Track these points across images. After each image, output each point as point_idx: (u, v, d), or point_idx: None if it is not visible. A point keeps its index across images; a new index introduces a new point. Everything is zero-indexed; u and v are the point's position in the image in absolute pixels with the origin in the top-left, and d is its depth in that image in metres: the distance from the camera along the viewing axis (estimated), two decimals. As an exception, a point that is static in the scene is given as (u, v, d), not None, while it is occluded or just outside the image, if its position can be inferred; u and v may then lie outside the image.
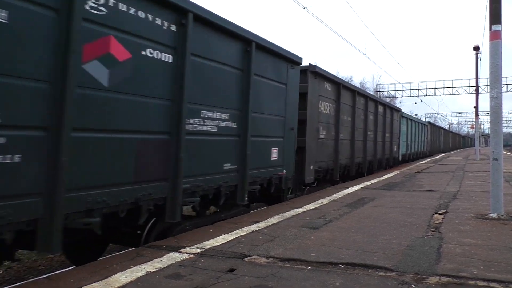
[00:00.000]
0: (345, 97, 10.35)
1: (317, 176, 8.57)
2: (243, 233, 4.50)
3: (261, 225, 4.96)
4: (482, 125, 69.75)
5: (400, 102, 50.85)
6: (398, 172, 14.01)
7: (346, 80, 14.34)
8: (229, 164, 5.29)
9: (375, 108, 13.73)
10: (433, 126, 33.75)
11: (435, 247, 3.89)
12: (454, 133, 68.47)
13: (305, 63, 7.80)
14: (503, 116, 5.75)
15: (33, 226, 3.05)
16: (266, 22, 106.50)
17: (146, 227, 4.53)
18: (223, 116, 5.17)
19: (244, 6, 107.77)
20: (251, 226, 4.89)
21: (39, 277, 3.26)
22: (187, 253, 3.72)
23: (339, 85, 9.85)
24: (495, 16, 5.63)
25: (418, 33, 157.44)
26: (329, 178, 9.66)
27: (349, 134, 10.82)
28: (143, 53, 3.93)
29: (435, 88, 43.22)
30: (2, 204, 2.83)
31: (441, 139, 39.20)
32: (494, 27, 5.59)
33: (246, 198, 5.62)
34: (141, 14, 3.89)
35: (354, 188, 8.98)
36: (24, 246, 3.49)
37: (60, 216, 3.14)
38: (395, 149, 17.08)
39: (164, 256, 3.60)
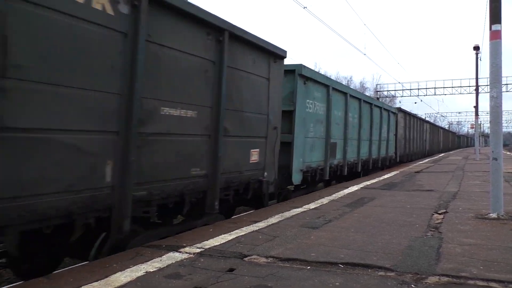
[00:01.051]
0: None
1: None
2: (243, 233, 4.50)
3: (260, 224, 4.96)
4: (482, 125, 69.71)
5: (400, 102, 50.87)
6: (398, 172, 14.00)
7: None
8: None
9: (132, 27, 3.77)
10: (409, 117, 21.68)
11: (435, 247, 3.89)
12: (447, 131, 54.18)
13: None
14: (503, 116, 5.75)
15: None
16: (265, 22, 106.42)
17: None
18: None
19: (243, 6, 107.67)
20: (251, 225, 4.89)
21: (39, 277, 3.25)
22: (186, 252, 3.72)
23: None
24: (495, 15, 5.63)
25: (418, 32, 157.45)
26: None
27: None
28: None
29: (435, 88, 43.24)
30: None
31: (425, 138, 28.39)
32: (494, 27, 5.59)
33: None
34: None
35: (354, 188, 8.98)
36: None
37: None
38: (265, 156, 6.47)
39: (164, 256, 3.60)
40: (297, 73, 7.90)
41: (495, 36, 5.56)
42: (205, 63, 4.91)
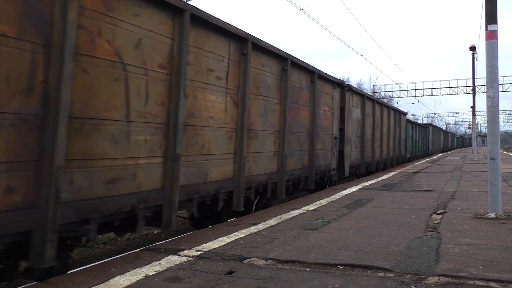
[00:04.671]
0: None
1: None
2: (242, 235, 4.50)
3: (259, 227, 4.96)
4: (479, 124, 69.90)
5: (397, 103, 51.01)
6: (396, 172, 14.02)
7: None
8: None
9: None
10: (371, 104, 13.59)
11: (434, 247, 3.89)
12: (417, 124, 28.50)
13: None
14: (500, 115, 5.77)
15: None
16: (263, 23, 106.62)
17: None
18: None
19: (241, 7, 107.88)
20: (250, 228, 4.89)
21: (37, 282, 3.24)
22: (185, 255, 3.71)
23: None
24: (491, 16, 5.65)
25: (415, 33, 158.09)
26: None
27: None
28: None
29: (432, 88, 43.44)
30: None
31: (405, 137, 19.56)
32: (490, 27, 5.61)
33: None
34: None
35: (353, 189, 8.98)
36: None
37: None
38: None
39: (163, 259, 3.59)
40: None
41: (491, 36, 5.58)
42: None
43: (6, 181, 2.91)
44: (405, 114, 20.56)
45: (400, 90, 44.59)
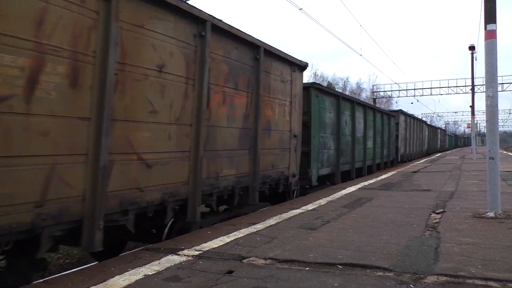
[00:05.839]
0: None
1: None
2: (241, 235, 4.50)
3: (259, 226, 4.96)
4: (478, 124, 70.00)
5: (396, 102, 51.06)
6: (396, 172, 14.04)
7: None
8: None
9: None
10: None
11: (433, 246, 3.90)
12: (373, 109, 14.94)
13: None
14: (499, 115, 5.77)
15: None
16: (262, 23, 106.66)
17: None
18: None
19: (240, 8, 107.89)
20: (249, 227, 4.89)
21: (36, 281, 3.25)
22: (185, 255, 3.71)
23: None
24: (490, 15, 5.65)
25: (414, 33, 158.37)
26: None
27: None
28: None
29: (431, 88, 43.48)
30: None
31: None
32: (489, 27, 5.62)
33: None
34: None
35: (352, 188, 8.99)
36: None
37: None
38: None
39: (162, 259, 3.59)
40: None
41: (490, 35, 5.59)
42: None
43: None
44: (303, 67, 7.98)
45: (399, 90, 44.64)
